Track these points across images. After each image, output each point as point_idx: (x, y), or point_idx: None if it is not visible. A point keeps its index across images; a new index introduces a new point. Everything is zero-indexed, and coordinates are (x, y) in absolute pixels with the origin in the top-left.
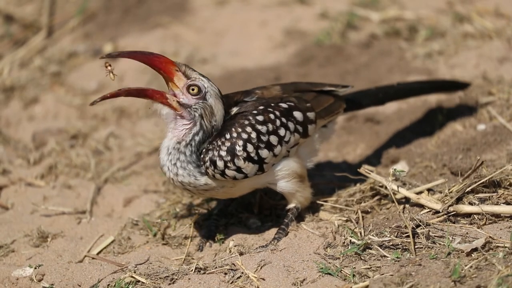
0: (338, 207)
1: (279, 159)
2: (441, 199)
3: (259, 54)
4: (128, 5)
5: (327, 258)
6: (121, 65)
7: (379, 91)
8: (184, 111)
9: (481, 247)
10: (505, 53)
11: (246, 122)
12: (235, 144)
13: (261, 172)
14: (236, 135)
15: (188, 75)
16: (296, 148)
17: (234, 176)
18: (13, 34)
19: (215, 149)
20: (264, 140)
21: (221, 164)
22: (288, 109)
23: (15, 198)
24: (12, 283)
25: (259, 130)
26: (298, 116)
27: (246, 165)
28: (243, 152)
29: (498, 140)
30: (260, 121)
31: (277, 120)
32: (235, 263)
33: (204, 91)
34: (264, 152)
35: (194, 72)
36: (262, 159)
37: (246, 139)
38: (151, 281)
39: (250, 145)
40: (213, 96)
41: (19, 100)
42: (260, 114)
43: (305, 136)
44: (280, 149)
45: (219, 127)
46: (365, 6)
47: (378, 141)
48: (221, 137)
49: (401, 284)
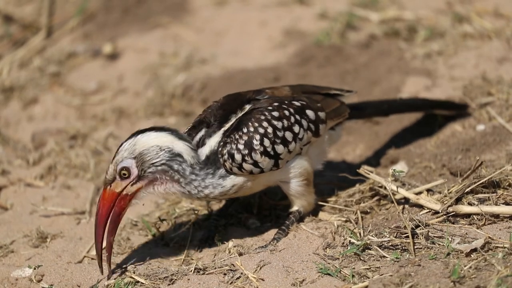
0: (337, 207)
1: (292, 156)
2: (441, 200)
3: (259, 54)
4: (127, 5)
5: (327, 259)
6: (121, 65)
7: (383, 103)
8: (144, 181)
9: (481, 247)
10: (504, 53)
11: (262, 117)
12: (253, 138)
13: (276, 168)
14: (253, 130)
15: (111, 173)
16: (307, 146)
17: (251, 170)
18: (12, 34)
19: (233, 142)
20: (280, 136)
21: (239, 157)
22: (301, 107)
23: (14, 198)
24: (11, 284)
25: (275, 125)
26: (311, 115)
27: (263, 159)
28: (260, 147)
29: (497, 140)
30: (276, 116)
31: (292, 116)
32: (235, 264)
33: (132, 158)
34: (280, 148)
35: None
36: (278, 155)
37: (263, 134)
38: (151, 281)
39: (267, 140)
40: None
41: (18, 100)
42: (276, 110)
43: (317, 135)
44: (294, 146)
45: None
46: (364, 7)
47: (377, 142)
48: (239, 131)
49: (401, 284)
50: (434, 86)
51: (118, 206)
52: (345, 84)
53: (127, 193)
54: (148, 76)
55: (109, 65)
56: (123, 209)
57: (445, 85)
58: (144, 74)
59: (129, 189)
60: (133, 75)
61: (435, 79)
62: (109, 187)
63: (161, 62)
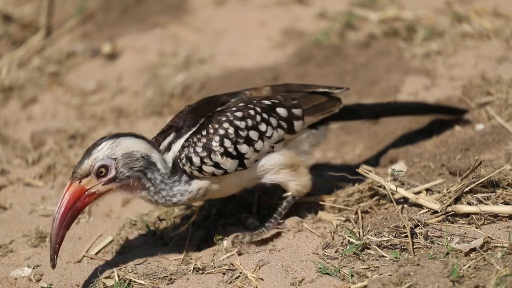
0: (336, 207)
1: (262, 155)
2: (440, 199)
3: (258, 54)
4: (126, 5)
5: (326, 258)
6: (120, 65)
7: (375, 106)
8: (116, 184)
9: (480, 247)
10: (503, 53)
11: (223, 118)
12: (212, 140)
13: (242, 168)
14: (213, 131)
15: (86, 168)
16: (281, 143)
17: (213, 172)
18: (11, 34)
19: (191, 145)
20: (243, 135)
21: (197, 160)
22: (271, 105)
23: (13, 198)
24: (10, 283)
25: (238, 125)
26: (282, 112)
27: (224, 160)
28: (220, 148)
29: (496, 140)
30: (239, 117)
31: (258, 115)
32: (234, 263)
33: (112, 158)
34: (243, 147)
35: (88, 157)
36: (242, 154)
37: (223, 135)
38: (150, 281)
39: (227, 140)
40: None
41: (17, 100)
42: (239, 111)
43: (291, 132)
44: (262, 145)
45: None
46: (363, 6)
47: (376, 141)
48: (198, 134)
49: (400, 284)
50: (433, 86)
51: (82, 202)
52: (344, 84)
53: (96, 191)
54: (147, 76)
55: (108, 64)
56: (85, 206)
57: (444, 84)
58: (143, 73)
59: (99, 188)
60: (132, 74)
61: (434, 79)
62: (79, 182)
63: (160, 62)
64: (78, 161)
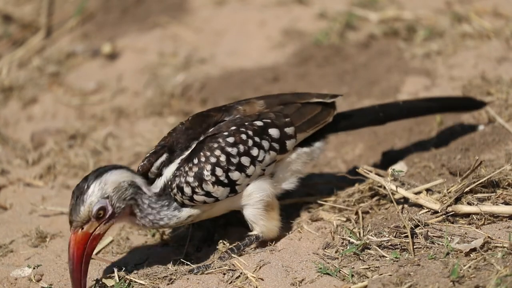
0: (337, 207)
1: (254, 179)
2: (440, 199)
3: (258, 54)
4: (126, 5)
5: (326, 258)
6: (120, 65)
7: (379, 110)
8: (116, 218)
9: (480, 247)
10: (503, 53)
11: (215, 145)
12: (203, 169)
13: (234, 194)
14: (205, 160)
15: (85, 215)
16: (272, 166)
17: (204, 200)
18: (11, 34)
19: (182, 175)
20: (235, 162)
21: (188, 190)
22: (263, 127)
23: (13, 198)
24: (10, 283)
25: (229, 152)
26: (274, 133)
27: (216, 189)
28: (212, 177)
29: (496, 140)
30: (231, 143)
31: (250, 140)
32: (234, 263)
33: (106, 198)
34: (235, 175)
35: (82, 205)
36: (234, 181)
37: (215, 163)
38: (150, 281)
39: (219, 169)
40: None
41: (17, 100)
42: (231, 136)
43: (283, 151)
44: (253, 169)
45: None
46: (363, 6)
47: (376, 141)
48: (189, 162)
49: (400, 284)
50: (433, 86)
51: (90, 247)
52: (344, 84)
53: (100, 232)
54: (147, 76)
55: (108, 65)
56: (94, 249)
57: (444, 85)
58: (143, 74)
59: (102, 227)
60: (132, 75)
61: (434, 79)
62: (81, 230)
63: (160, 62)
64: (71, 209)
